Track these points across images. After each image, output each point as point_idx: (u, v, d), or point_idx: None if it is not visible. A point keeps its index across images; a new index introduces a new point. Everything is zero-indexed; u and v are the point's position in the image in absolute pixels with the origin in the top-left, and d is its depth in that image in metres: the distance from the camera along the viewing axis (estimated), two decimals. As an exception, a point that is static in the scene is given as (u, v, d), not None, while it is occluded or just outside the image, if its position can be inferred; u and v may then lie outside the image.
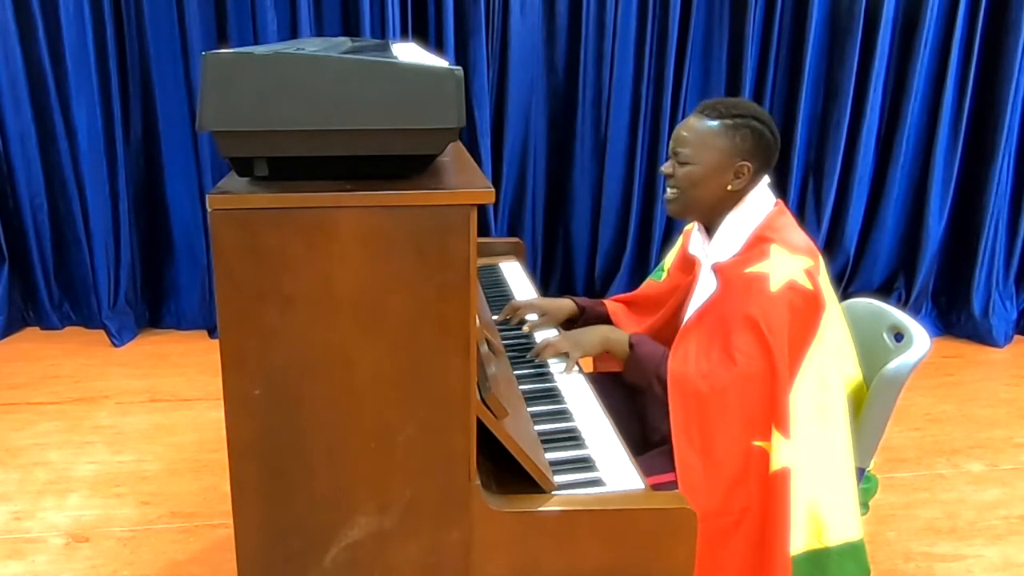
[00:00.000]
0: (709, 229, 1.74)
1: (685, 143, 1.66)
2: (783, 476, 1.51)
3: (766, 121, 1.67)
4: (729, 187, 1.66)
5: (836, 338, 1.65)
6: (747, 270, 1.60)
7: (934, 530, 2.49)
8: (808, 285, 1.57)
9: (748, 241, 1.66)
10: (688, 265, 1.88)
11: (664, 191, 1.75)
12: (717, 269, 1.67)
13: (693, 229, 1.86)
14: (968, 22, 3.70)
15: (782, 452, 1.52)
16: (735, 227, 1.69)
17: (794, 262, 1.58)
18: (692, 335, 1.66)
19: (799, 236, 1.65)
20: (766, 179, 1.71)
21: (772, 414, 1.52)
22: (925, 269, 3.97)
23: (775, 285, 1.55)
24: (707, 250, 1.74)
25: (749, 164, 1.65)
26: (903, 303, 4.00)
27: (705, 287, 1.71)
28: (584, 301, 2.05)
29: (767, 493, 1.52)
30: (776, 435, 1.52)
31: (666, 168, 1.71)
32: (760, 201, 1.69)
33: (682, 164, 1.67)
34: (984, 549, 2.41)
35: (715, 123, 1.65)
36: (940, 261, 4.04)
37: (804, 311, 1.56)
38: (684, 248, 1.93)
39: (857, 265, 4.06)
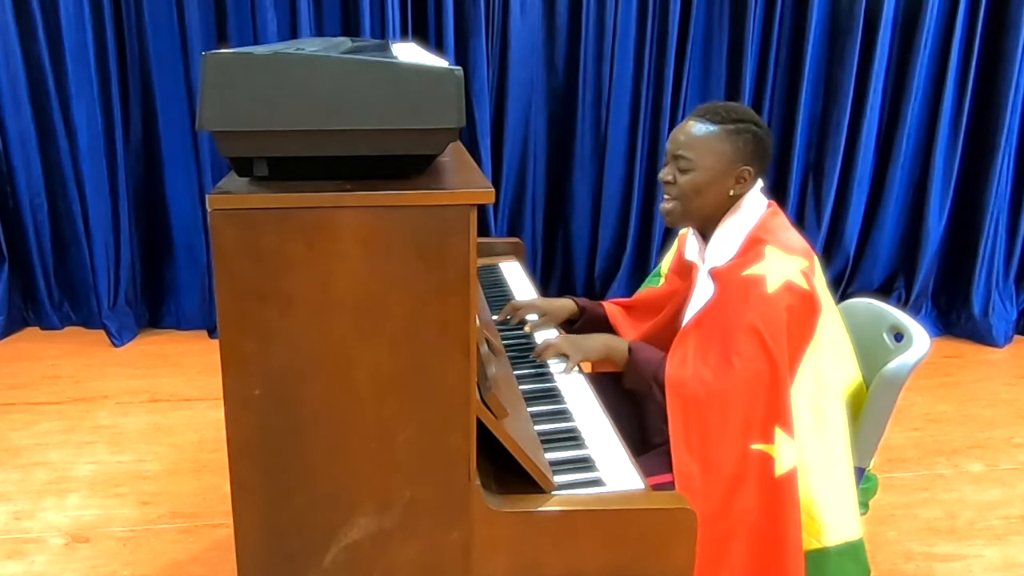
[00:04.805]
0: (704, 234, 1.74)
1: (687, 148, 1.63)
2: (791, 478, 1.51)
3: (763, 126, 1.67)
4: (731, 193, 1.65)
5: (833, 339, 1.65)
6: (744, 273, 1.59)
7: (934, 530, 2.49)
8: (805, 285, 1.57)
9: (743, 244, 1.65)
10: (685, 270, 1.87)
11: (661, 199, 1.72)
12: (714, 274, 1.67)
13: (688, 234, 1.85)
14: (968, 22, 3.70)
15: (789, 453, 1.51)
16: (731, 231, 1.68)
17: (790, 263, 1.58)
18: (690, 339, 1.65)
19: (794, 237, 1.65)
20: (759, 182, 1.71)
21: (776, 415, 1.52)
22: (925, 269, 3.97)
23: (772, 286, 1.55)
24: (704, 255, 1.74)
25: (751, 169, 1.65)
26: (903, 303, 4.00)
27: (703, 292, 1.71)
28: (584, 302, 2.05)
29: (776, 496, 1.51)
30: (781, 436, 1.51)
31: (666, 175, 1.68)
32: (754, 204, 1.69)
33: (684, 171, 1.64)
34: (984, 549, 2.41)
35: (716, 128, 1.63)
36: (940, 261, 4.04)
37: (801, 312, 1.56)
38: (680, 253, 1.92)
39: (857, 265, 4.06)
